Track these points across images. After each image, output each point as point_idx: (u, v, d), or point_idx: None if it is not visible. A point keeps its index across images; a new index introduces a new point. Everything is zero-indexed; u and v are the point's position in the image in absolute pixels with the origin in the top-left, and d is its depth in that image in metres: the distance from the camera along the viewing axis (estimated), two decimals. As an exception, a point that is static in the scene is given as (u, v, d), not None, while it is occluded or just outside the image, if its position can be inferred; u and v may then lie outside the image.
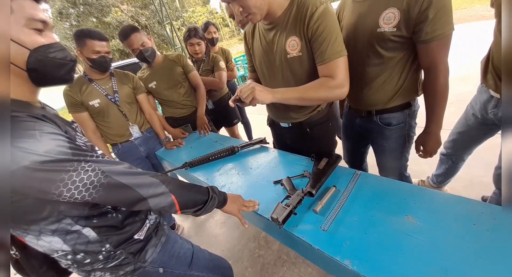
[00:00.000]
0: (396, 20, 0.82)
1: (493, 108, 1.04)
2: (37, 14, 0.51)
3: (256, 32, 1.01)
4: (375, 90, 0.99)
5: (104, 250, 0.62)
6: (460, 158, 1.38)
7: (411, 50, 0.89)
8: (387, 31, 0.85)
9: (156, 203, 0.61)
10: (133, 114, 1.55)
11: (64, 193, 0.48)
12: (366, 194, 0.80)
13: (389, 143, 1.09)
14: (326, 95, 0.85)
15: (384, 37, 0.87)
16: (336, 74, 0.83)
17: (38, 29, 0.52)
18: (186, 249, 0.82)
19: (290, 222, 0.76)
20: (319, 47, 0.82)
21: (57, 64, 0.55)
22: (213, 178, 1.15)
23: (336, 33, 0.80)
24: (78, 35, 1.25)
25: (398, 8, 0.80)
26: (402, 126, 1.03)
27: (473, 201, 0.70)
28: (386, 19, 0.84)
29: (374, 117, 1.05)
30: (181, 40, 9.42)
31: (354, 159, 1.39)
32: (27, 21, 0.50)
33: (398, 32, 0.83)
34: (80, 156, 0.51)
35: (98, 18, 18.00)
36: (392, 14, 0.82)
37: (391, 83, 0.95)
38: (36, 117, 0.49)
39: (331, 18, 0.80)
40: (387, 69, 0.93)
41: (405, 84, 0.95)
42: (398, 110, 1.00)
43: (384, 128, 1.05)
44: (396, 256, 0.59)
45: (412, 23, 0.80)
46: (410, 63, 0.92)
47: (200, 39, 1.88)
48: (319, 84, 0.85)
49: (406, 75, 0.94)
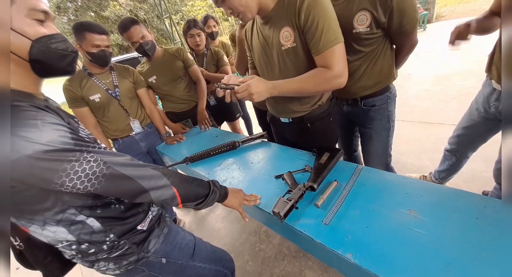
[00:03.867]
0: (368, 21, 0.92)
1: (495, 101, 1.05)
2: (38, 5, 0.51)
3: (254, 28, 1.00)
4: (357, 80, 1.08)
5: (108, 240, 0.63)
6: (464, 155, 1.37)
7: (385, 40, 1.00)
8: (361, 31, 0.95)
9: (158, 195, 0.61)
10: (134, 109, 1.54)
11: (67, 183, 0.48)
12: (368, 188, 0.80)
13: (374, 124, 1.18)
14: (324, 86, 0.84)
15: (360, 37, 0.96)
16: (333, 63, 0.80)
17: (40, 19, 0.52)
18: (188, 240, 0.83)
19: (291, 216, 0.76)
20: (312, 37, 0.79)
21: (59, 55, 0.55)
22: (214, 172, 1.15)
23: (329, 20, 0.77)
24: (77, 28, 1.22)
25: (368, 10, 0.90)
26: (385, 107, 1.14)
27: (475, 195, 0.69)
28: (360, 21, 0.94)
29: (359, 102, 1.15)
30: (181, 35, 9.31)
31: (345, 147, 1.45)
32: (29, 11, 0.50)
33: (371, 31, 0.94)
34: (83, 146, 0.51)
35: (96, 12, 17.77)
36: (364, 16, 0.92)
37: (371, 72, 1.06)
38: (38, 107, 0.49)
39: (323, 4, 0.76)
40: (366, 61, 1.03)
41: (383, 70, 1.06)
42: (380, 94, 1.11)
43: (368, 110, 1.15)
44: (398, 250, 0.59)
45: (382, 24, 0.92)
46: (385, 51, 1.03)
47: (200, 30, 1.86)
48: (316, 76, 0.83)
49: (382, 63, 1.04)
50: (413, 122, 2.06)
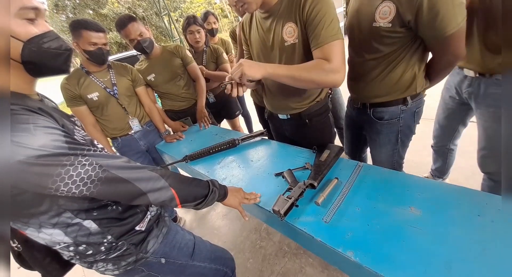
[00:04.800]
0: (391, 15, 0.77)
1: (467, 87, 1.04)
2: (29, 2, 0.49)
3: (253, 21, 0.99)
4: (369, 83, 0.97)
5: (106, 241, 0.62)
6: (452, 144, 1.38)
7: (413, 43, 0.84)
8: (382, 26, 0.81)
9: (156, 197, 0.60)
10: (132, 107, 1.53)
11: (62, 188, 0.47)
12: (368, 186, 0.79)
13: (380, 137, 1.08)
14: (320, 78, 0.79)
15: (380, 33, 0.83)
16: (331, 58, 0.78)
17: (31, 18, 0.50)
18: (188, 240, 0.82)
19: (292, 214, 0.75)
20: (313, 30, 0.78)
21: (52, 54, 0.53)
22: (214, 170, 1.15)
23: (332, 16, 0.77)
24: (74, 26, 1.21)
25: (393, 1, 0.76)
26: (395, 122, 1.00)
27: (477, 191, 0.69)
28: (382, 13, 0.79)
29: (368, 110, 1.04)
30: (180, 32, 9.25)
31: (354, 149, 1.39)
32: (19, 11, 0.47)
33: (392, 28, 0.80)
34: (77, 149, 0.50)
35: (94, 10, 17.64)
36: (388, 8, 0.77)
37: (387, 78, 0.92)
38: (31, 110, 0.47)
39: (327, 1, 0.76)
40: (382, 63, 0.90)
41: (403, 79, 0.91)
42: (392, 105, 0.97)
43: (376, 122, 1.04)
44: (399, 248, 0.59)
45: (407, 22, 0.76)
46: (410, 57, 0.87)
47: (200, 27, 1.84)
48: (313, 65, 0.80)
49: (403, 70, 0.89)
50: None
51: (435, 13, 0.71)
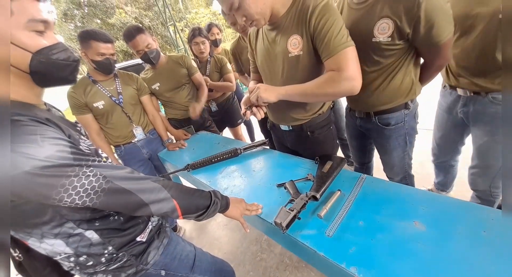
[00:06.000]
0: (390, 31, 0.83)
1: (462, 107, 1.04)
2: (38, 14, 0.50)
3: (260, 32, 1.01)
4: (372, 93, 1.00)
5: (107, 252, 0.62)
6: (452, 160, 1.37)
7: (409, 53, 0.90)
8: (382, 41, 0.86)
9: (158, 208, 0.60)
10: (137, 115, 1.55)
11: (65, 198, 0.48)
12: (372, 199, 0.79)
13: (390, 142, 1.10)
14: (334, 89, 0.79)
15: (380, 47, 0.88)
16: (344, 66, 0.76)
17: (40, 31, 0.51)
18: (188, 251, 0.81)
19: (293, 226, 0.74)
20: (322, 41, 0.78)
21: (60, 65, 0.54)
22: (216, 180, 1.14)
23: (340, 26, 0.76)
24: (83, 36, 1.24)
25: (391, 18, 0.81)
26: (401, 125, 1.04)
27: (482, 206, 0.68)
28: (381, 29, 0.85)
29: (373, 118, 1.07)
30: (185, 42, 9.46)
31: (361, 157, 1.39)
32: (28, 23, 0.48)
33: (392, 42, 0.85)
34: (82, 160, 0.51)
35: (102, 20, 18.18)
36: (386, 25, 0.83)
37: (388, 87, 0.96)
38: (38, 121, 0.48)
39: (333, 11, 0.77)
40: (383, 74, 0.94)
41: (402, 86, 0.96)
42: (396, 111, 1.01)
43: (384, 129, 1.07)
44: (404, 264, 0.57)
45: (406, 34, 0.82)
46: (408, 65, 0.93)
47: (204, 38, 1.88)
48: (324, 79, 0.81)
49: (402, 77, 0.94)
50: (416, 129, 2.04)
51: (431, 24, 0.77)
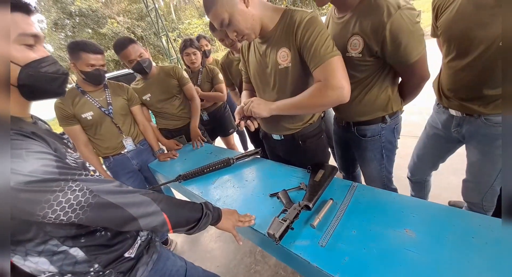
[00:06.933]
0: (360, 47, 0.86)
1: (455, 127, 1.04)
2: (28, 28, 0.50)
3: (252, 45, 1.04)
4: (350, 103, 0.99)
5: (93, 270, 0.59)
6: (428, 175, 1.37)
7: (383, 69, 0.92)
8: (354, 56, 0.89)
9: (147, 222, 0.58)
10: (127, 126, 1.52)
11: (49, 214, 0.46)
12: (363, 207, 0.79)
13: (366, 153, 1.12)
14: (323, 100, 0.80)
15: (353, 62, 0.91)
16: (330, 75, 0.78)
17: (29, 44, 0.51)
18: (179, 267, 0.78)
19: (287, 237, 0.74)
20: (309, 52, 0.80)
21: (49, 79, 0.54)
22: (208, 190, 1.13)
23: (325, 37, 0.78)
24: (72, 47, 1.23)
25: (361, 35, 0.84)
26: (377, 138, 1.06)
27: (470, 213, 0.70)
28: (353, 45, 0.88)
29: (352, 127, 1.09)
30: (177, 51, 9.53)
31: (345, 165, 1.41)
32: (19, 37, 0.49)
33: (363, 58, 0.88)
34: (68, 174, 0.49)
35: (93, 29, 18.14)
36: (357, 41, 0.86)
37: (364, 100, 0.99)
38: (24, 135, 0.47)
39: (318, 24, 0.79)
40: (358, 87, 0.97)
41: (378, 100, 0.98)
42: (372, 123, 1.04)
43: (360, 139, 1.09)
44: (396, 273, 0.57)
45: (375, 52, 0.84)
46: (383, 81, 0.95)
47: (196, 49, 1.91)
48: (312, 91, 0.83)
49: (377, 92, 0.97)
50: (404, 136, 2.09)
51: (397, 44, 0.79)
